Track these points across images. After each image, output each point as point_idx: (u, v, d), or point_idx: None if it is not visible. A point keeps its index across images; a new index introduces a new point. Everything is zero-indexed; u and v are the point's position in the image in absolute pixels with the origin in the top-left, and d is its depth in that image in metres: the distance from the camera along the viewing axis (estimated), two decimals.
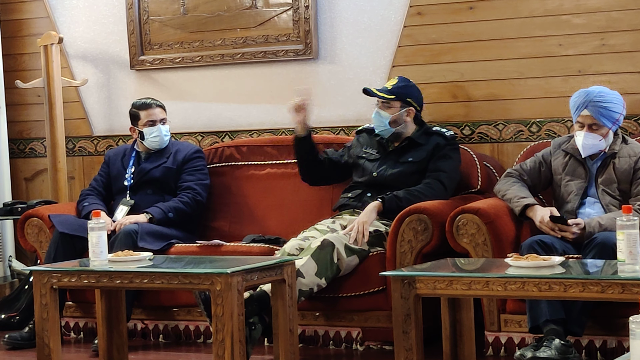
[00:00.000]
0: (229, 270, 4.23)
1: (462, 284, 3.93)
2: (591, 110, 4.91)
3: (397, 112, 5.43)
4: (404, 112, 5.45)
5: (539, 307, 4.61)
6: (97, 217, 4.61)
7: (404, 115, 5.45)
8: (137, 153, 6.01)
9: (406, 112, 5.46)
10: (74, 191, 6.66)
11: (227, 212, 6.05)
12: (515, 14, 5.69)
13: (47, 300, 4.56)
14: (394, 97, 5.42)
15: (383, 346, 5.30)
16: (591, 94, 4.92)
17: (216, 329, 4.25)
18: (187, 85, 6.49)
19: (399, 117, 5.44)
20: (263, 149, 6.09)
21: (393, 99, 5.42)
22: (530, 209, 4.93)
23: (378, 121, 5.45)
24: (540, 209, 4.89)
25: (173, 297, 5.59)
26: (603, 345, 4.76)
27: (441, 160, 5.37)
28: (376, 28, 6.00)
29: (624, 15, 5.49)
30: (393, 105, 5.43)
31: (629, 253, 3.77)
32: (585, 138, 4.93)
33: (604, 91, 4.95)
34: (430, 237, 5.05)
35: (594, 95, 4.92)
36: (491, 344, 4.99)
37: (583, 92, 4.96)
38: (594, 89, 4.96)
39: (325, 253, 5.04)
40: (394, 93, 5.42)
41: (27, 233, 5.85)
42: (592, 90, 4.95)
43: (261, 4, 6.25)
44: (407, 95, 5.45)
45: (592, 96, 4.91)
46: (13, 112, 6.94)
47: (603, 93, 4.94)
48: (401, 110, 5.44)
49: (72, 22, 6.74)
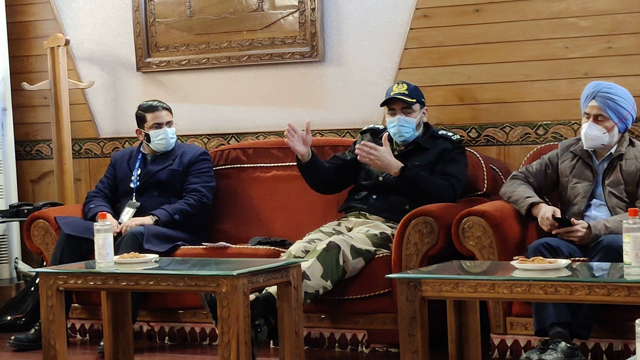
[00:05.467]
0: (235, 273, 4.23)
1: (468, 286, 3.93)
2: (598, 101, 4.93)
3: (418, 115, 5.45)
4: (422, 113, 5.47)
5: (545, 310, 4.60)
6: (103, 219, 4.61)
7: (423, 117, 5.48)
8: (143, 155, 6.02)
9: (423, 113, 5.48)
10: (80, 193, 6.66)
11: (233, 215, 6.05)
12: (521, 17, 5.69)
13: (53, 302, 4.56)
14: (415, 100, 5.43)
15: (389, 349, 5.30)
16: (600, 85, 4.97)
17: (222, 331, 4.25)
18: (193, 88, 6.49)
19: (420, 119, 5.46)
20: (269, 151, 6.10)
21: (414, 102, 5.42)
22: (535, 207, 4.93)
23: (405, 128, 5.41)
24: (544, 207, 4.90)
25: (179, 299, 5.60)
26: (609, 348, 4.76)
27: (449, 165, 5.36)
28: (382, 30, 6.00)
29: (631, 18, 5.49)
30: (415, 109, 5.43)
31: (635, 256, 3.76)
32: (589, 128, 4.94)
33: (615, 85, 5.00)
34: (436, 240, 5.05)
35: (603, 86, 4.96)
36: (497, 347, 4.99)
37: (593, 83, 5.01)
38: (605, 82, 5.01)
39: (331, 255, 5.04)
40: (413, 97, 5.42)
41: (33, 235, 5.86)
42: (603, 82, 5.01)
43: (267, 7, 6.25)
44: (421, 96, 5.47)
45: (601, 87, 4.95)
46: (19, 114, 6.95)
47: (613, 86, 4.99)
48: (420, 113, 5.46)
49: (78, 24, 6.75)
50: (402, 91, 5.41)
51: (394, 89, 5.45)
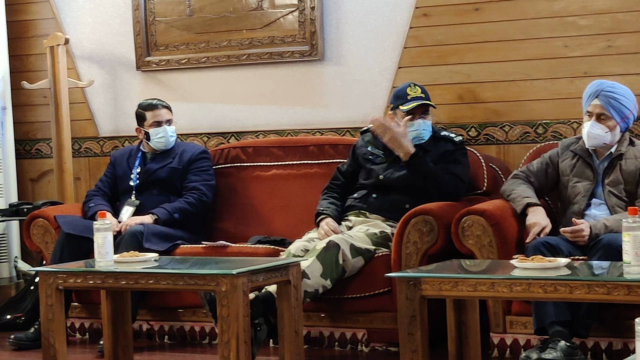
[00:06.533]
0: (235, 271, 4.23)
1: (468, 285, 3.93)
2: (601, 100, 4.93)
3: (431, 116, 5.46)
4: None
5: (545, 309, 4.60)
6: (103, 218, 4.61)
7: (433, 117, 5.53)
8: (143, 154, 6.02)
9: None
10: (79, 192, 6.66)
11: (233, 213, 6.05)
12: (521, 16, 5.69)
13: (52, 301, 4.56)
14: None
15: (388, 347, 5.30)
16: (603, 84, 4.96)
17: (221, 330, 4.25)
18: (192, 86, 6.49)
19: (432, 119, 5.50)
20: (269, 150, 6.10)
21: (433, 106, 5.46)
22: (530, 209, 4.93)
23: (425, 132, 5.41)
24: (539, 212, 4.89)
25: (178, 298, 5.60)
26: (609, 347, 4.76)
27: (452, 165, 5.36)
28: (382, 29, 6.00)
29: (630, 16, 5.48)
30: (430, 111, 5.45)
31: (634, 255, 3.76)
32: (591, 127, 4.94)
33: (618, 85, 4.99)
34: (436, 239, 5.05)
35: (606, 85, 4.96)
36: (496, 346, 4.99)
37: (597, 82, 5.01)
38: (607, 81, 5.00)
39: (330, 254, 5.04)
40: (429, 99, 5.43)
41: (33, 234, 5.86)
42: (605, 81, 5.00)
43: (267, 5, 6.25)
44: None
45: (604, 86, 4.95)
46: (19, 113, 6.95)
47: (616, 86, 4.98)
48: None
49: (78, 23, 6.75)
50: (419, 94, 5.40)
51: (410, 92, 5.41)
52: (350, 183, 5.59)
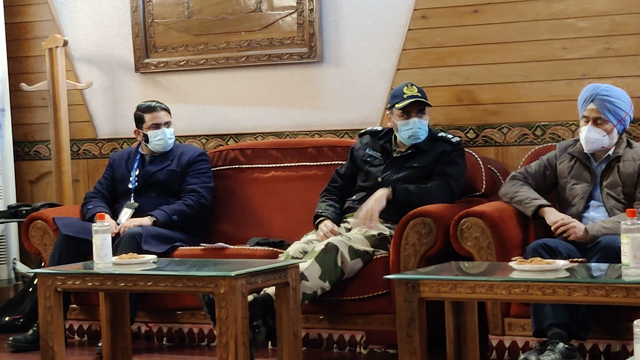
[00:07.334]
0: (233, 273, 4.24)
1: (466, 287, 3.93)
2: (597, 104, 4.92)
3: (428, 116, 5.46)
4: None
5: (543, 311, 4.60)
6: (102, 220, 4.61)
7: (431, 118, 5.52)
8: (142, 156, 6.02)
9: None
10: (78, 194, 6.66)
11: (231, 215, 6.05)
12: (519, 18, 5.69)
13: (51, 303, 4.56)
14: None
15: (387, 350, 5.30)
16: (598, 88, 4.96)
17: (220, 332, 4.25)
18: (191, 88, 6.49)
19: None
20: (267, 152, 6.10)
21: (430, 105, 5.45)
22: (542, 210, 4.93)
23: (421, 131, 5.40)
24: (554, 212, 4.89)
25: (177, 300, 5.59)
26: (607, 349, 4.76)
27: (448, 166, 5.37)
28: (381, 31, 6.00)
29: (629, 19, 5.49)
30: (427, 111, 5.45)
31: (633, 257, 3.76)
32: (588, 132, 4.94)
33: (612, 87, 4.99)
34: (435, 241, 5.05)
35: (601, 89, 4.95)
36: (495, 348, 4.99)
37: (591, 86, 5.00)
38: (602, 84, 5.00)
39: (329, 256, 5.04)
40: (426, 98, 5.43)
41: (32, 236, 5.85)
42: (600, 84, 5.00)
43: (266, 7, 6.25)
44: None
45: (599, 90, 4.94)
46: (18, 114, 6.95)
47: (610, 89, 4.97)
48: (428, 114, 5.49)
49: (77, 25, 6.75)
50: (415, 93, 5.40)
51: (406, 91, 5.41)
52: (348, 185, 5.59)
